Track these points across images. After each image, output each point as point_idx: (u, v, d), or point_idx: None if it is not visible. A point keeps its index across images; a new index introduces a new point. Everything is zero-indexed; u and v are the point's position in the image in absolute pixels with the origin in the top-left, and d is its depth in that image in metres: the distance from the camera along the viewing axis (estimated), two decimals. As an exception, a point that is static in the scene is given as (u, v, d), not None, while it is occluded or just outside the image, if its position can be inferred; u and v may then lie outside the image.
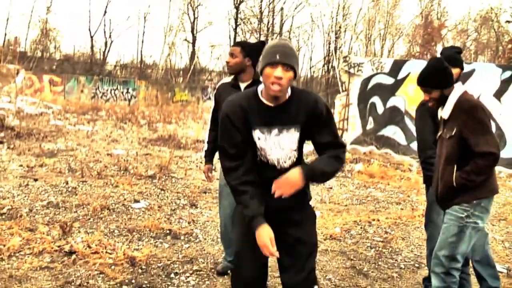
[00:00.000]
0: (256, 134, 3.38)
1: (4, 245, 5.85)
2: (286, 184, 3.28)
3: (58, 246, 5.98)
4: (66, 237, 6.31)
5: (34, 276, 5.22)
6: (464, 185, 4.24)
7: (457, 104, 4.31)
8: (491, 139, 4.18)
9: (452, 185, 4.29)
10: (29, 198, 8.14)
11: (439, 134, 4.56)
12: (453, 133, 4.28)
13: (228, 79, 5.62)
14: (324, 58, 55.94)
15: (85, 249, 5.93)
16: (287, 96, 3.39)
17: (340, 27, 55.81)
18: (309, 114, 3.40)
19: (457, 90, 4.37)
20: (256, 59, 5.35)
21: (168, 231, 7.05)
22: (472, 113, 4.23)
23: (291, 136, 3.40)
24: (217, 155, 5.46)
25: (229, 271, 5.50)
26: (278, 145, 3.40)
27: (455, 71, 4.90)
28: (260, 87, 3.42)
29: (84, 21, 79.44)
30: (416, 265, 6.49)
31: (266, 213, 3.38)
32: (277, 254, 3.32)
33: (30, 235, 6.27)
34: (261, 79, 3.36)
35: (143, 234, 6.86)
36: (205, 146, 5.78)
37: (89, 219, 7.31)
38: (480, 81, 14.70)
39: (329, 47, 55.98)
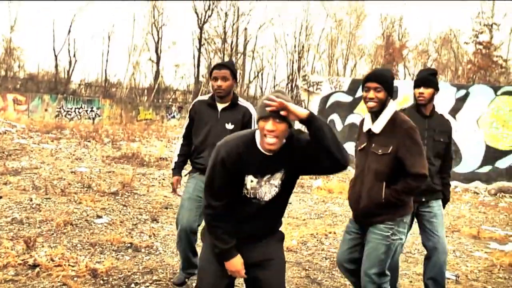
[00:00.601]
0: (249, 178, 3.53)
1: (-31, 259, 6.04)
2: (291, 107, 3.30)
3: (22, 260, 6.16)
4: (30, 252, 6.50)
5: (-1, 288, 5.41)
6: (393, 203, 4.35)
7: (392, 121, 4.40)
8: (424, 161, 4.37)
9: (380, 202, 4.36)
10: (-6, 214, 8.31)
11: (362, 146, 4.60)
12: (388, 151, 4.34)
13: (204, 97, 5.68)
14: (288, 77, 56.51)
15: (49, 262, 6.13)
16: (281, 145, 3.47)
17: (303, 46, 56.46)
18: (295, 160, 3.53)
19: (392, 107, 4.46)
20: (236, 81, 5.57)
21: (129, 245, 7.29)
22: (411, 134, 4.35)
23: (277, 176, 3.57)
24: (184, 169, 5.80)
25: (186, 280, 5.78)
26: (266, 185, 3.56)
27: (428, 91, 5.38)
28: (257, 133, 3.51)
29: (48, 40, 79.00)
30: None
31: (238, 238, 3.63)
32: (244, 275, 3.63)
33: (-5, 250, 6.46)
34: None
35: (105, 247, 7.08)
36: (175, 158, 5.85)
37: (53, 234, 7.51)
38: (436, 100, 15.23)
39: (292, 66, 56.59)
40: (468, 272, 7.26)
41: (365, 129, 4.58)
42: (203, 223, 3.94)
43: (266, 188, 3.57)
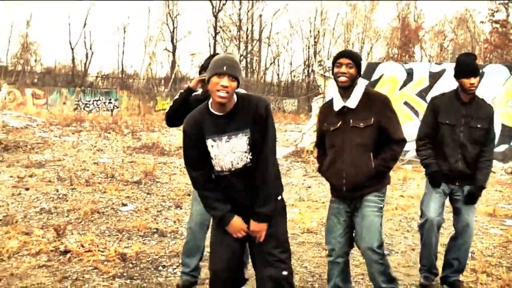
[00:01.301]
0: (209, 143, 3.78)
1: (3, 248, 6.29)
2: (255, 233, 3.83)
3: (54, 247, 6.43)
4: (60, 239, 6.76)
5: (33, 273, 5.65)
6: (383, 172, 4.54)
7: (366, 95, 4.58)
8: (401, 127, 4.59)
9: (371, 172, 4.50)
10: (23, 205, 8.61)
11: (336, 125, 4.62)
12: (371, 122, 4.48)
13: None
14: (304, 62, 56.54)
15: (79, 248, 6.38)
16: (232, 104, 3.78)
17: (318, 31, 56.41)
18: (253, 118, 3.77)
19: (362, 83, 4.64)
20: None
21: (155, 230, 7.54)
22: (388, 104, 4.60)
23: (240, 140, 3.76)
24: None
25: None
26: (229, 149, 3.77)
27: (477, 79, 5.36)
28: (210, 100, 3.83)
29: (64, 34, 79.47)
30: (386, 252, 7.00)
31: (234, 210, 3.85)
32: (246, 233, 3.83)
33: (27, 238, 6.71)
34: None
35: (132, 233, 7.34)
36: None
37: (81, 222, 7.78)
38: (451, 80, 15.31)
39: (308, 51, 56.61)
40: (484, 248, 7.38)
41: (336, 108, 4.63)
42: None
43: (231, 156, 3.78)
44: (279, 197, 4.00)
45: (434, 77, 16.44)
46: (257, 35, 55.24)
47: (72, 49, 49.27)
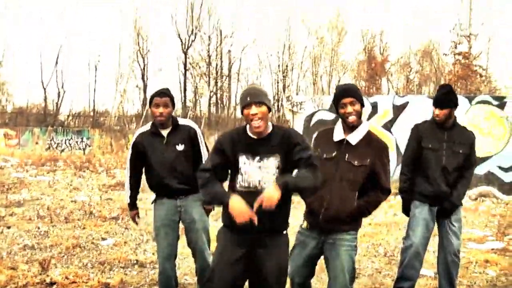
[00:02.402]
0: (242, 159, 4.05)
1: (-9, 282, 6.68)
2: (266, 197, 3.78)
3: (40, 279, 6.81)
4: (45, 272, 7.13)
5: (23, 304, 6.08)
6: (362, 214, 4.66)
7: (369, 136, 4.66)
8: (390, 178, 4.74)
9: (352, 210, 4.56)
10: (6, 242, 8.96)
11: (331, 154, 4.67)
12: (366, 163, 4.57)
13: (144, 128, 5.80)
14: (273, 97, 57.03)
15: (64, 280, 6.77)
16: (268, 131, 4.10)
17: (287, 66, 57.14)
18: (287, 145, 4.05)
19: (366, 124, 4.74)
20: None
21: (135, 261, 7.94)
22: (386, 151, 4.71)
23: (271, 163, 4.03)
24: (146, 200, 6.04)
25: None
26: (259, 169, 4.03)
27: (443, 111, 5.76)
28: (248, 126, 4.12)
29: (35, 73, 79.42)
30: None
31: (241, 237, 4.05)
32: (255, 218, 3.85)
33: (13, 273, 7.07)
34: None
35: (113, 265, 7.73)
36: (128, 193, 6.03)
37: (64, 256, 8.15)
38: (414, 112, 16.03)
39: (277, 85, 57.27)
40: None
41: (336, 138, 4.68)
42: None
43: (261, 175, 4.04)
44: (284, 232, 4.20)
45: (398, 109, 17.13)
46: (226, 71, 55.84)
47: (45, 88, 49.41)
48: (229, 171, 4.19)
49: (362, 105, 4.64)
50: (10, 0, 65.90)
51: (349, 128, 4.64)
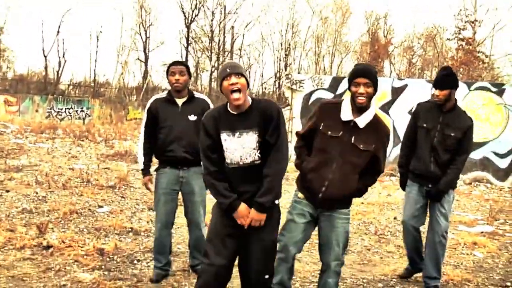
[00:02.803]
0: (223, 136, 4.14)
1: (-11, 243, 6.86)
2: (255, 219, 4.09)
3: (37, 242, 6.98)
4: (42, 235, 7.30)
5: (19, 265, 6.20)
6: (359, 194, 4.77)
7: (375, 121, 4.62)
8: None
9: (352, 192, 4.63)
10: (5, 205, 9.12)
11: (337, 133, 4.59)
12: (371, 148, 4.55)
13: (161, 95, 6.01)
14: (275, 74, 57.05)
15: (60, 244, 6.94)
16: (247, 105, 4.18)
17: (289, 44, 57.06)
18: (264, 119, 4.13)
19: (374, 106, 4.65)
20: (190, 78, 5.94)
21: (130, 229, 8.13)
22: (388, 137, 4.73)
23: (250, 137, 4.11)
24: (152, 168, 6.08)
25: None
26: (240, 145, 4.12)
27: (443, 92, 5.88)
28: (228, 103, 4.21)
29: (37, 41, 79.33)
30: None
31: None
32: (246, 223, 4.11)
33: (11, 235, 7.25)
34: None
35: (109, 231, 7.92)
36: (142, 158, 6.01)
37: (61, 221, 8.33)
38: (412, 95, 16.12)
39: (279, 64, 57.21)
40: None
41: (344, 117, 4.58)
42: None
43: (241, 151, 4.14)
44: (277, 201, 4.24)
45: (397, 92, 17.21)
46: (228, 47, 55.73)
47: (45, 56, 49.34)
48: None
49: (376, 90, 4.54)
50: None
51: (357, 109, 4.56)
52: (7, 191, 10.37)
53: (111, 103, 42.67)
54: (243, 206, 4.13)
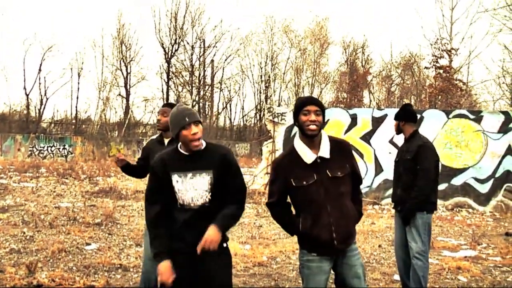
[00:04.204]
0: (175, 178, 4.04)
1: (-20, 284, 6.92)
2: (209, 240, 3.87)
3: (27, 282, 7.05)
4: (32, 275, 7.36)
5: (11, 305, 6.31)
6: (360, 217, 4.56)
7: (334, 143, 4.41)
8: None
9: (356, 219, 4.47)
10: (-7, 246, 9.18)
11: (312, 180, 4.34)
12: (348, 170, 4.36)
13: (155, 136, 6.29)
14: (256, 107, 57.38)
15: (50, 282, 7.03)
16: (201, 147, 4.10)
17: (269, 76, 57.47)
18: (220, 162, 4.08)
19: (323, 131, 4.42)
20: None
21: (119, 265, 8.21)
22: (351, 147, 4.60)
23: (203, 179, 4.04)
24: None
25: None
26: (192, 186, 4.03)
27: (395, 123, 6.71)
28: (179, 144, 4.16)
29: (18, 79, 79.23)
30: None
31: (181, 248, 4.01)
32: (169, 282, 3.89)
33: (1, 275, 7.32)
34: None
35: (98, 269, 7.99)
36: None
37: (49, 260, 8.38)
38: (392, 125, 16.36)
39: (259, 96, 57.57)
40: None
41: (308, 160, 4.33)
42: None
43: (193, 193, 4.04)
44: (225, 245, 4.14)
45: (377, 122, 17.48)
46: (209, 80, 56.07)
47: (27, 95, 49.31)
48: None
49: (324, 119, 4.36)
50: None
51: (313, 144, 4.35)
52: (-6, 231, 10.39)
53: (93, 139, 42.68)
54: (166, 264, 3.95)
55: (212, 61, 55.83)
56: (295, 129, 17.11)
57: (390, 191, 4.80)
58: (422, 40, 75.59)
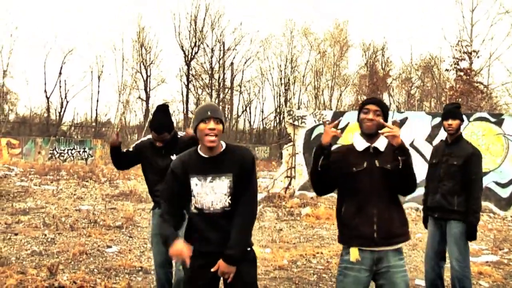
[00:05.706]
0: (194, 181, 3.99)
1: (3, 285, 6.92)
2: (225, 272, 3.91)
3: (48, 283, 7.07)
4: (53, 277, 7.40)
5: (33, 307, 6.36)
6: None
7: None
8: None
9: (403, 219, 4.35)
10: (14, 248, 9.26)
11: (361, 167, 4.32)
12: (400, 166, 4.15)
13: (148, 136, 6.38)
14: (275, 110, 57.39)
15: (72, 284, 7.05)
16: (220, 149, 4.05)
17: (288, 79, 57.48)
18: (239, 165, 4.02)
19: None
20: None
21: (140, 268, 8.24)
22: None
23: (223, 183, 3.98)
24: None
25: None
26: (211, 189, 3.98)
27: (455, 122, 6.19)
28: (199, 145, 4.08)
29: (39, 82, 79.85)
30: None
31: (208, 250, 3.98)
32: (187, 261, 3.86)
33: (23, 277, 7.33)
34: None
35: (119, 271, 8.04)
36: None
37: (71, 262, 8.45)
38: (413, 128, 16.31)
39: (279, 99, 57.59)
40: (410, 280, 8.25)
41: (360, 148, 4.36)
42: None
43: (213, 196, 4.00)
44: (249, 249, 4.10)
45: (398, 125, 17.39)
46: (229, 83, 56.20)
47: (48, 98, 49.71)
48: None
49: (386, 120, 4.29)
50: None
51: (370, 138, 4.34)
52: (16, 234, 10.50)
53: (113, 142, 42.79)
54: (179, 242, 3.92)
55: (232, 63, 56.02)
56: (315, 132, 17.06)
57: (412, 195, 4.53)
58: (442, 42, 74.88)
